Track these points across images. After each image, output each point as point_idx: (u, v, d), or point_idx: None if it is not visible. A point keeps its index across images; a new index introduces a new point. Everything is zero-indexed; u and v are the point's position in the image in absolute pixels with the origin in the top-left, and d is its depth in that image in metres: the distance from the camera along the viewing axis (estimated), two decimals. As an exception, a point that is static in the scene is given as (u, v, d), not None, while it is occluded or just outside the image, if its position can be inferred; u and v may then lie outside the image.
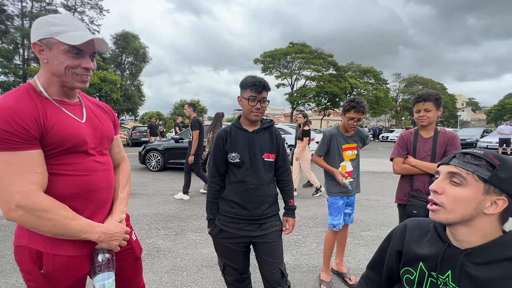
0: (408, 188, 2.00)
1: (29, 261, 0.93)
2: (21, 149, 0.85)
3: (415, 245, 0.86)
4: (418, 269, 0.83)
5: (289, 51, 30.55)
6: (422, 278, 0.82)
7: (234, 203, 1.53)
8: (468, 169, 0.73)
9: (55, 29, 0.90)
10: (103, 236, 0.98)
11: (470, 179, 0.73)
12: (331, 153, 2.31)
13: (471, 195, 0.73)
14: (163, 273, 2.49)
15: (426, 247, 0.84)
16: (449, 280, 0.77)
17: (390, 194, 5.34)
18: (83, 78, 0.97)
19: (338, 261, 2.52)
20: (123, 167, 1.25)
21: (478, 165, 0.73)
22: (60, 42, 0.90)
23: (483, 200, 0.72)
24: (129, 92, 30.24)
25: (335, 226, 2.32)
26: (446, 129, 2.02)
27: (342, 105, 2.29)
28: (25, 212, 0.85)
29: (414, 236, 0.88)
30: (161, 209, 4.43)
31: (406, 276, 0.87)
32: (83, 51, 0.95)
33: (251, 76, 1.53)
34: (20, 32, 22.06)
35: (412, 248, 0.86)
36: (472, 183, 0.73)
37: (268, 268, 1.55)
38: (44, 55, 0.92)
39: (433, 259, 0.80)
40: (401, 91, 45.61)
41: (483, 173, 0.71)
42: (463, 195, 0.73)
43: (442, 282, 0.78)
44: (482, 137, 15.80)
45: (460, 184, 0.74)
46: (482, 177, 0.71)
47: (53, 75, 0.95)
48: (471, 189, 0.73)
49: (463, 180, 0.73)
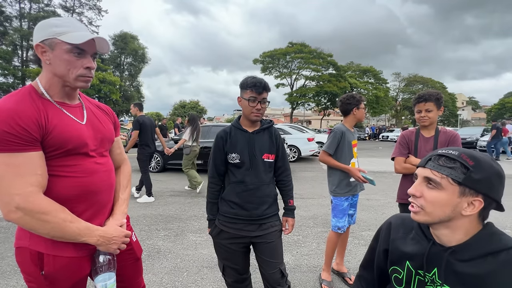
0: (409, 187, 2.00)
1: (30, 262, 0.93)
2: (22, 150, 0.85)
3: (400, 243, 0.87)
4: (406, 268, 0.84)
5: (288, 51, 30.55)
6: (409, 277, 0.83)
7: (233, 203, 1.53)
8: (442, 172, 0.74)
9: (58, 30, 0.92)
10: (101, 240, 0.98)
11: (445, 182, 0.73)
12: (342, 150, 2.23)
13: (447, 198, 0.73)
14: (163, 274, 2.49)
15: (411, 245, 0.85)
16: (436, 277, 0.78)
17: (390, 194, 5.33)
18: (85, 78, 0.99)
19: (339, 261, 2.51)
20: (124, 168, 1.25)
21: (452, 168, 0.73)
22: (62, 42, 0.92)
23: (460, 202, 0.73)
24: (128, 93, 30.26)
25: (340, 229, 2.26)
26: (447, 128, 2.03)
27: (350, 102, 2.24)
28: (25, 214, 0.85)
29: (399, 234, 0.89)
30: (161, 210, 4.42)
31: (395, 275, 0.87)
32: (85, 51, 0.96)
33: (251, 76, 1.53)
34: (19, 34, 22.06)
35: (398, 247, 0.87)
36: (447, 187, 0.73)
37: (268, 268, 1.55)
38: (46, 56, 0.94)
39: (419, 258, 0.81)
40: (401, 91, 45.62)
41: (457, 176, 0.72)
42: (439, 199, 0.74)
43: (429, 280, 0.79)
44: (482, 136, 15.81)
45: (436, 188, 0.75)
46: (457, 180, 0.72)
47: (55, 76, 0.96)
48: (447, 193, 0.73)
49: (438, 184, 0.74)
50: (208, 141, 7.44)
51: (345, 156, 2.23)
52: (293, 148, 10.18)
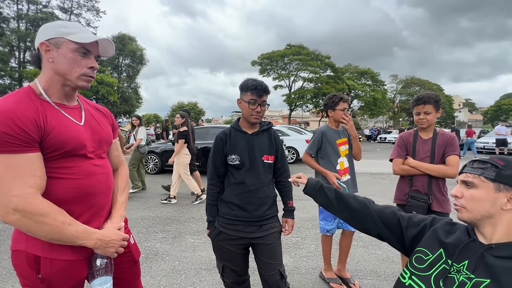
0: (407, 188, 2.01)
1: (26, 266, 0.92)
2: (21, 151, 0.85)
3: (442, 234, 0.94)
4: (437, 253, 0.90)
5: (286, 53, 30.62)
6: (436, 262, 0.89)
7: (233, 204, 1.53)
8: (475, 173, 0.85)
9: (66, 30, 0.95)
10: (99, 243, 0.97)
11: (478, 181, 0.84)
12: (326, 150, 2.26)
13: (483, 193, 0.83)
14: (161, 277, 2.48)
15: (451, 238, 0.92)
16: (464, 268, 0.83)
17: (388, 195, 5.34)
18: (88, 77, 1.00)
19: (341, 267, 2.42)
20: (122, 171, 1.25)
21: (484, 168, 0.84)
22: (69, 41, 0.95)
23: (497, 197, 0.81)
24: (126, 95, 30.14)
25: (329, 231, 2.30)
26: (444, 130, 2.04)
27: (326, 103, 2.31)
28: (23, 216, 0.84)
29: (446, 227, 0.96)
30: (159, 212, 4.40)
31: (418, 255, 0.94)
32: (90, 52, 0.99)
33: (251, 79, 1.53)
34: (16, 35, 21.94)
35: (438, 235, 0.94)
36: (481, 184, 0.84)
37: (267, 270, 1.54)
38: (50, 54, 0.95)
39: (453, 247, 0.88)
40: (398, 92, 45.85)
41: (489, 174, 0.83)
42: (476, 195, 0.84)
43: (456, 270, 0.84)
44: (479, 138, 15.91)
45: (472, 187, 0.85)
46: (489, 177, 0.82)
47: (56, 74, 0.96)
48: (482, 189, 0.83)
49: (473, 183, 0.85)
50: (206, 143, 7.43)
51: (330, 156, 2.25)
52: (292, 150, 10.19)
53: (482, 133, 17.59)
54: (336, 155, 2.26)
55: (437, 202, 1.92)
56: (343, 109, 2.23)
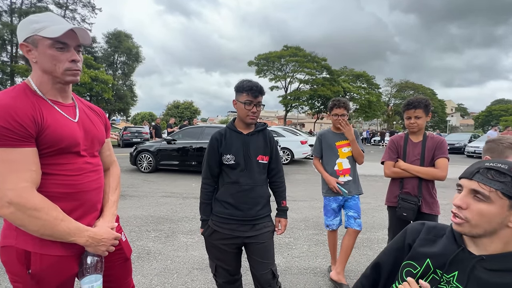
0: (398, 190, 2.05)
1: (16, 262, 0.92)
2: (17, 146, 0.86)
3: (427, 243, 0.86)
4: (424, 265, 0.83)
5: (283, 54, 30.73)
6: (425, 273, 0.83)
7: (227, 204, 1.54)
8: (492, 186, 0.72)
9: (38, 26, 0.92)
10: (90, 241, 0.97)
11: (494, 196, 0.72)
12: (326, 151, 2.40)
13: (496, 211, 0.72)
14: (153, 276, 2.46)
15: (437, 246, 0.84)
16: (454, 279, 0.77)
17: (381, 197, 5.41)
18: (72, 71, 0.98)
19: (339, 270, 2.34)
20: (113, 170, 1.25)
21: (503, 182, 0.71)
22: (43, 38, 0.92)
23: (508, 215, 0.72)
24: (121, 92, 29.79)
25: (329, 226, 2.40)
26: (434, 134, 2.09)
27: (328, 107, 2.44)
28: (17, 210, 0.85)
29: (429, 236, 0.88)
30: (152, 211, 4.37)
31: (407, 269, 0.87)
32: (67, 44, 0.95)
33: (247, 80, 1.55)
34: (8, 29, 21.50)
35: (424, 245, 0.86)
36: (496, 200, 0.72)
37: (260, 269, 1.55)
38: (32, 54, 0.94)
39: (442, 258, 0.81)
40: (392, 96, 46.42)
41: (508, 191, 0.71)
42: (487, 212, 0.73)
43: (445, 280, 0.79)
44: (470, 142, 16.22)
45: (484, 201, 0.73)
46: (507, 194, 0.70)
47: (44, 73, 0.96)
48: (496, 206, 0.72)
49: (487, 197, 0.73)
50: (201, 142, 7.41)
51: (327, 156, 2.39)
52: (286, 151, 10.23)
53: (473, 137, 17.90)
54: (334, 156, 2.36)
55: (426, 204, 1.96)
56: (335, 115, 2.32)
